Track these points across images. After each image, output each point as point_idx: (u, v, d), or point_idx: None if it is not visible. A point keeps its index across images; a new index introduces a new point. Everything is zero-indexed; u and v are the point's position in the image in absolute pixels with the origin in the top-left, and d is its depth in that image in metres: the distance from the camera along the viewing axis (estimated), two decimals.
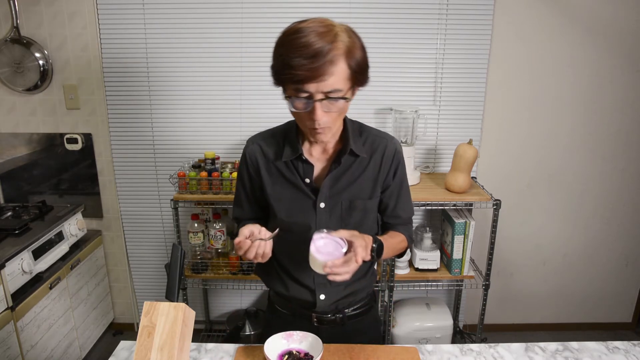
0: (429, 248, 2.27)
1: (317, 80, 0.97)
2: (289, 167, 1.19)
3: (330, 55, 0.96)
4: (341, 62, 0.98)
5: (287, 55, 0.97)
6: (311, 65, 0.95)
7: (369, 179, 1.20)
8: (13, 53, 2.23)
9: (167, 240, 2.56)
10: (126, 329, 2.74)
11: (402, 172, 1.26)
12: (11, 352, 1.84)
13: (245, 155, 1.24)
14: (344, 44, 0.99)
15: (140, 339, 0.98)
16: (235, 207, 1.33)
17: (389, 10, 2.21)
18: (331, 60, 0.96)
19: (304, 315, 1.28)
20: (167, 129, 2.39)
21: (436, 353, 1.21)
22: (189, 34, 2.25)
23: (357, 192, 1.19)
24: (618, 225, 2.60)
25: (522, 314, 2.75)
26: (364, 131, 1.23)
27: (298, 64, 0.96)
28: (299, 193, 1.18)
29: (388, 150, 1.21)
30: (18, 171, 2.44)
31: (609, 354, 1.22)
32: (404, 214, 1.29)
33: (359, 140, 1.20)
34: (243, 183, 1.27)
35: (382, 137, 1.22)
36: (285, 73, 0.99)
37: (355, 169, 1.19)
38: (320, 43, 0.95)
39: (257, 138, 1.24)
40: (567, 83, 2.35)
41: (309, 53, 0.95)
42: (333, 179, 1.18)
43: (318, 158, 1.20)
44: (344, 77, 1.00)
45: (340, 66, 0.98)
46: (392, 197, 1.25)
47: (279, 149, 1.20)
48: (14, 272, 1.88)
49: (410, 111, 2.23)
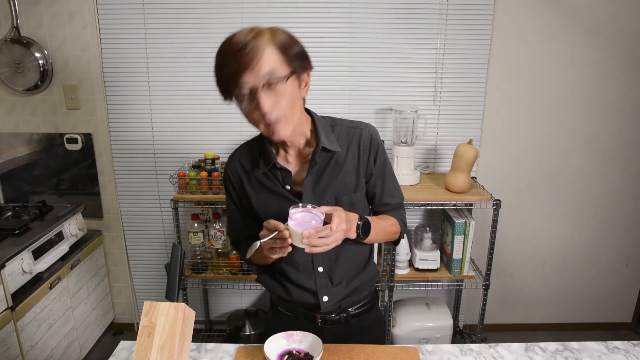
0: (429, 248, 2.27)
1: (250, 68, 0.98)
2: (269, 176, 1.19)
3: (253, 43, 0.99)
4: (268, 47, 1.00)
5: (221, 60, 1.02)
6: (240, 56, 0.98)
7: (350, 172, 1.19)
8: (13, 53, 2.23)
9: (167, 240, 2.56)
10: (126, 329, 2.74)
11: (383, 157, 1.23)
12: (11, 352, 1.84)
13: (227, 174, 1.24)
14: (267, 32, 1.02)
15: (140, 339, 0.98)
16: (231, 228, 1.32)
17: (389, 10, 2.21)
18: (256, 47, 0.99)
19: (308, 316, 1.27)
20: (167, 129, 2.39)
21: (436, 353, 1.21)
22: (189, 34, 2.25)
23: (341, 188, 1.18)
24: (618, 225, 2.60)
25: (522, 314, 2.75)
26: (336, 125, 1.21)
27: (230, 61, 0.99)
28: (284, 200, 1.17)
29: (363, 139, 1.19)
30: (18, 171, 2.44)
31: (609, 354, 1.21)
32: (392, 200, 1.27)
33: (332, 136, 1.18)
34: (233, 201, 1.27)
35: (356, 127, 1.21)
36: (223, 74, 1.02)
37: (334, 165, 1.17)
38: (244, 38, 1.00)
39: (236, 154, 1.25)
40: (567, 83, 2.35)
41: (237, 47, 0.99)
42: (313, 179, 1.17)
43: (295, 163, 1.19)
44: (275, 58, 1.01)
45: (268, 51, 1.00)
46: (377, 184, 1.24)
47: (255, 161, 1.20)
48: (14, 272, 1.88)
49: (410, 111, 2.23)
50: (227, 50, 1.00)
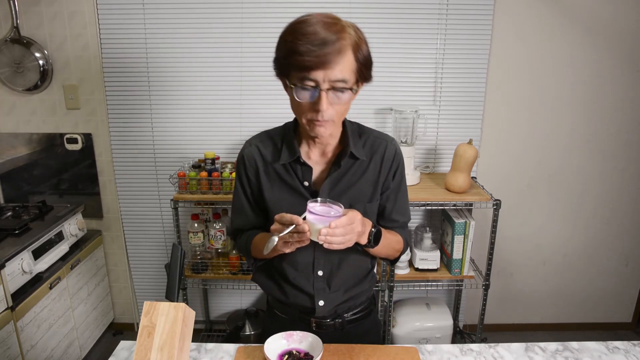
0: (429, 248, 2.27)
1: (325, 67, 0.96)
2: (288, 170, 1.16)
3: (338, 44, 0.95)
4: (349, 53, 0.98)
5: (295, 42, 0.96)
6: (320, 52, 0.94)
7: (369, 181, 1.19)
8: (13, 53, 2.23)
9: (167, 240, 2.56)
10: (126, 329, 2.74)
11: (402, 174, 1.24)
12: (11, 352, 1.84)
13: (243, 157, 1.21)
14: (351, 36, 0.99)
15: (140, 339, 0.98)
16: (236, 216, 1.28)
17: (389, 10, 2.21)
18: (339, 50, 0.96)
19: (303, 320, 1.26)
20: (167, 129, 2.39)
21: (436, 353, 1.21)
22: (189, 34, 2.25)
23: (357, 195, 1.17)
24: (618, 225, 2.60)
25: (522, 314, 2.75)
26: (363, 133, 1.21)
27: (306, 50, 0.95)
28: (298, 196, 1.16)
29: (388, 152, 1.19)
30: (18, 171, 2.44)
31: (609, 354, 1.21)
32: (400, 218, 1.27)
33: (359, 142, 1.18)
34: (243, 188, 1.23)
35: (382, 139, 1.20)
36: (292, 60, 0.97)
37: (355, 172, 1.17)
38: (328, 32, 0.95)
39: (255, 140, 1.22)
40: (567, 83, 2.35)
41: (317, 40, 0.94)
42: (332, 182, 1.15)
43: (317, 161, 1.17)
44: (351, 68, 0.99)
45: (347, 57, 0.98)
46: (390, 199, 1.23)
47: (276, 151, 1.18)
48: (14, 272, 1.88)
49: (410, 111, 2.23)
50: (305, 37, 0.95)
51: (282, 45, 1.00)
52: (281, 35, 1.02)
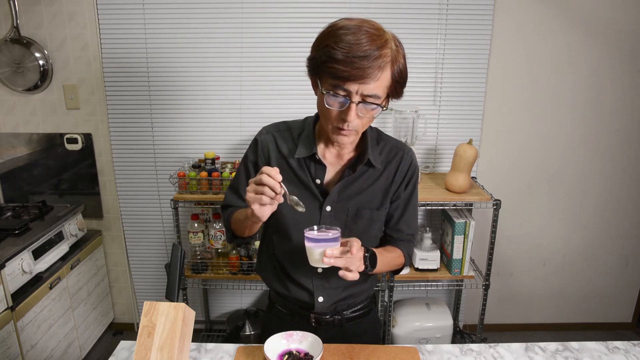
0: (429, 248, 2.27)
1: (361, 81, 0.95)
2: (301, 165, 1.16)
3: (380, 60, 0.95)
4: (387, 70, 0.98)
5: (334, 49, 0.94)
6: (359, 64, 0.93)
7: (380, 189, 1.18)
8: (13, 53, 2.23)
9: (167, 240, 2.56)
10: (126, 329, 2.74)
11: (414, 185, 1.23)
12: (11, 352, 1.84)
13: (257, 142, 1.20)
14: (392, 51, 0.98)
15: (140, 339, 0.98)
16: (231, 193, 1.27)
17: (388, 10, 2.21)
18: (379, 66, 0.95)
19: (302, 315, 1.27)
20: (167, 129, 2.39)
21: (436, 353, 1.21)
22: (189, 34, 2.25)
23: (366, 201, 1.17)
24: (618, 225, 2.60)
25: (522, 314, 2.75)
26: (381, 140, 1.20)
27: (346, 60, 0.93)
28: (307, 193, 1.16)
29: (404, 162, 1.19)
30: (18, 171, 2.44)
31: (609, 354, 1.21)
32: (406, 229, 1.26)
33: (376, 149, 1.18)
34: (247, 171, 1.22)
35: (400, 148, 1.20)
36: (329, 66, 0.96)
37: (368, 178, 1.17)
38: (371, 45, 0.94)
39: (272, 129, 1.21)
40: (567, 83, 2.35)
41: (359, 52, 0.93)
42: (344, 185, 1.16)
43: (332, 162, 1.17)
44: (385, 85, 0.99)
45: (385, 74, 0.97)
46: (399, 209, 1.23)
47: (292, 145, 1.17)
48: (14, 272, 1.88)
49: (410, 111, 2.23)
50: (347, 46, 0.93)
51: (321, 47, 0.98)
52: (321, 36, 1.00)
